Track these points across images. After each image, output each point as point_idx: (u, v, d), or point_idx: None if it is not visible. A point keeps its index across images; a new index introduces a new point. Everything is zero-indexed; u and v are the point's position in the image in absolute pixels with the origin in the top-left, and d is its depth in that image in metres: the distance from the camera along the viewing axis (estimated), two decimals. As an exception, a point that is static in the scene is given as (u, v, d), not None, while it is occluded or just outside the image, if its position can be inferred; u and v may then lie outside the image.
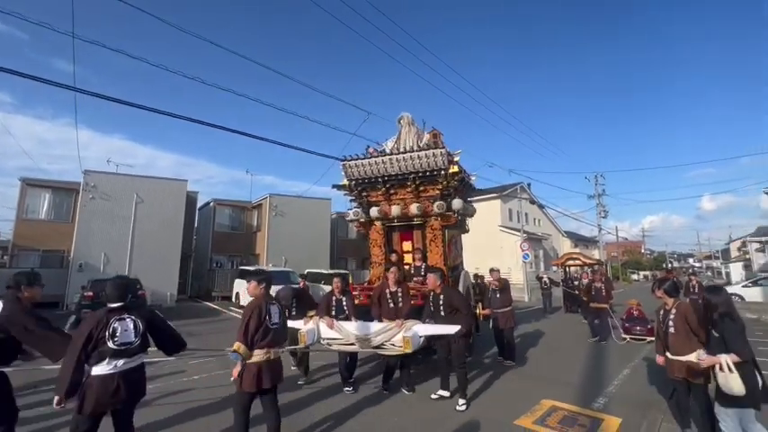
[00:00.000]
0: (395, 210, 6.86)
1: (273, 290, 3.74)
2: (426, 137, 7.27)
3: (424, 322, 4.75)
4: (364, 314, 5.39)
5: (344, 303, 5.28)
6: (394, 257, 6.85)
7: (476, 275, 9.42)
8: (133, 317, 2.80)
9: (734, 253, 65.50)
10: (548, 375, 5.87)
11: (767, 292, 14.77)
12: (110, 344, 2.64)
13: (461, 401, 4.47)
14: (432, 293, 4.90)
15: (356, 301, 5.76)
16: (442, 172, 6.46)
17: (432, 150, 6.47)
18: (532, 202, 21.58)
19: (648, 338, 7.71)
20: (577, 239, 44.33)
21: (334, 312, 5.15)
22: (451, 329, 4.39)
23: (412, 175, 6.66)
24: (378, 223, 7.23)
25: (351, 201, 7.82)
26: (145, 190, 16.54)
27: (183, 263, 18.06)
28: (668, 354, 3.67)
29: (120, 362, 2.68)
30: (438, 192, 6.65)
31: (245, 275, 15.75)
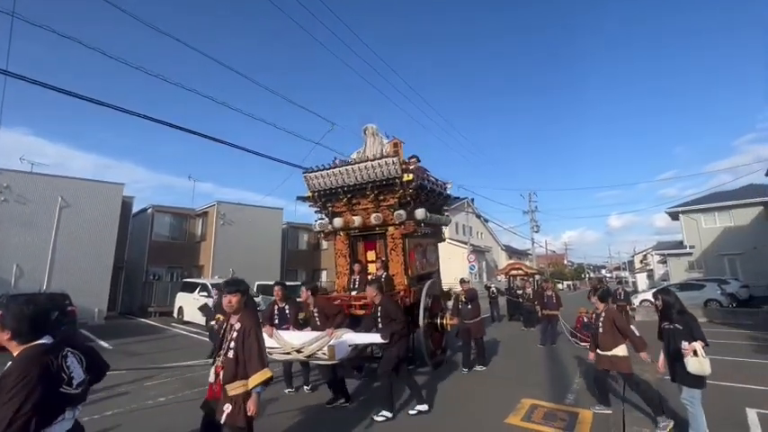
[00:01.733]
0: (356, 220, 6.88)
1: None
2: (387, 147, 7.35)
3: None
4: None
5: (287, 311, 5.39)
6: (357, 267, 6.88)
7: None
8: (71, 349, 1.97)
9: (637, 264, 75.59)
10: (517, 377, 6.31)
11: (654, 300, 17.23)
12: (67, 389, 1.84)
13: (383, 412, 4.37)
14: (373, 305, 4.94)
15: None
16: (397, 180, 6.45)
17: (384, 159, 6.49)
18: (478, 216, 22.94)
19: None
20: (512, 252, 47.84)
21: (277, 321, 5.26)
22: (377, 338, 4.55)
23: (370, 185, 6.66)
24: (342, 233, 7.25)
25: (315, 212, 7.79)
26: (72, 193, 14.71)
27: (114, 275, 16.22)
28: (598, 350, 4.55)
29: (76, 411, 1.94)
30: (396, 200, 6.61)
31: (188, 288, 14.64)
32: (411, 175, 6.48)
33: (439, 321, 6.85)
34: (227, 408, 2.55)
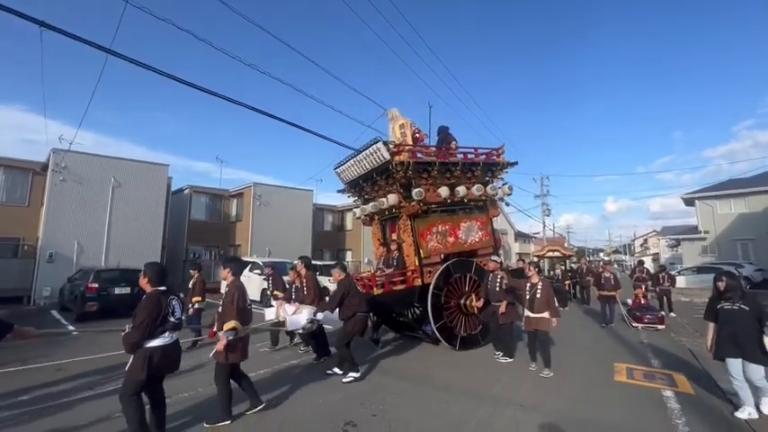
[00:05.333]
0: (375, 205, 7.18)
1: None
2: (413, 129, 7.30)
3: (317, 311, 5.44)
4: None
5: (297, 288, 6.34)
6: (382, 250, 7.34)
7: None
8: (177, 298, 3.34)
9: (637, 248, 77.20)
10: (594, 349, 7.03)
11: (689, 280, 18.17)
12: (171, 319, 3.17)
13: (335, 368, 5.23)
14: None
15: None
16: (390, 165, 6.40)
17: (370, 147, 6.55)
18: (501, 199, 23.52)
19: (659, 326, 8.46)
20: (518, 235, 48.78)
21: (294, 297, 6.32)
22: (309, 315, 5.44)
23: (373, 173, 6.85)
24: (375, 218, 7.83)
25: (354, 201, 8.54)
26: (122, 173, 15.13)
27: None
28: (529, 313, 5.49)
29: (175, 334, 3.24)
30: (398, 183, 6.62)
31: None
32: (403, 156, 6.39)
33: (463, 303, 6.76)
34: (221, 345, 3.60)
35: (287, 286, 6.90)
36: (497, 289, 6.06)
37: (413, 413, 3.95)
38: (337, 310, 5.25)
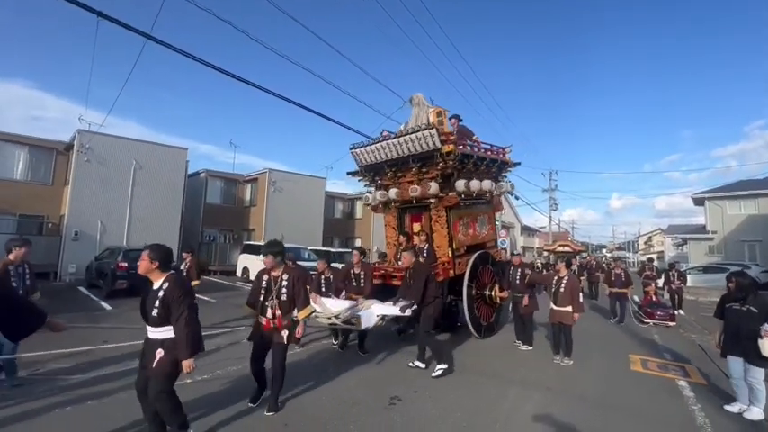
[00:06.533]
0: (401, 193, 6.96)
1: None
2: (431, 116, 7.11)
3: (396, 301, 5.23)
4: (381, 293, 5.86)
5: (331, 280, 6.03)
6: (403, 239, 6.90)
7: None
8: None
9: (641, 245, 77.23)
10: (608, 342, 7.34)
11: (695, 279, 18.43)
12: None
13: (417, 362, 5.03)
14: (407, 270, 5.37)
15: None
16: (437, 153, 6.29)
17: (422, 131, 6.32)
18: (510, 193, 23.70)
19: (669, 323, 8.64)
20: (524, 228, 49.01)
21: (324, 289, 5.84)
22: (396, 310, 4.96)
23: (410, 158, 6.61)
24: (391, 206, 7.39)
25: (365, 186, 8.06)
26: (143, 155, 15.42)
27: (175, 235, 17.18)
28: (552, 305, 5.66)
29: None
30: (438, 173, 6.47)
31: (250, 250, 15.68)
32: (452, 146, 6.29)
33: (488, 293, 7.00)
34: (284, 333, 3.59)
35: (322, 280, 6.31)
36: (518, 282, 6.52)
37: (450, 391, 4.30)
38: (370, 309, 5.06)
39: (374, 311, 5.04)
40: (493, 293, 7.04)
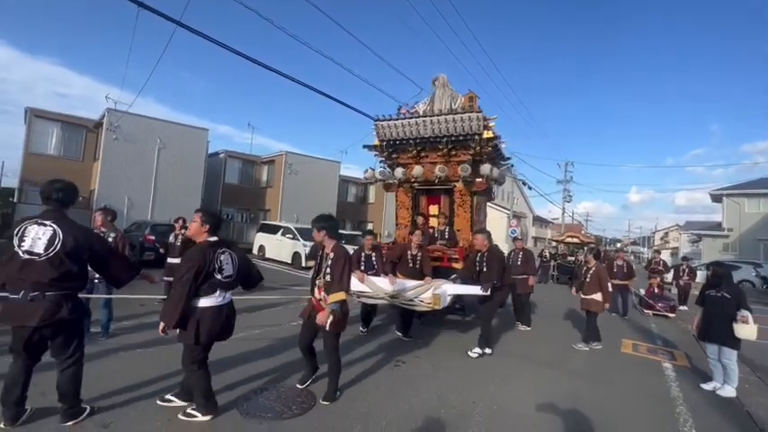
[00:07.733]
0: (424, 172, 6.70)
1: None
2: (461, 100, 6.89)
3: (454, 282, 5.20)
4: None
5: (373, 259, 5.67)
6: (420, 220, 6.85)
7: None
8: (230, 251, 2.91)
9: (657, 241, 75.89)
10: (605, 328, 7.53)
11: (701, 275, 18.40)
12: (218, 276, 2.76)
13: (476, 349, 4.95)
14: (479, 253, 5.21)
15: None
16: (476, 137, 6.20)
17: (468, 114, 6.20)
18: (524, 183, 23.85)
19: (669, 315, 8.77)
20: (536, 219, 48.81)
21: (363, 268, 5.49)
22: (477, 290, 4.81)
23: (444, 139, 6.42)
24: (406, 186, 7.09)
25: (379, 162, 7.56)
26: (167, 135, 16.10)
27: (196, 212, 17.98)
28: (581, 294, 5.91)
29: (227, 294, 2.88)
30: (470, 157, 6.39)
31: (267, 230, 16.37)
32: (491, 133, 6.25)
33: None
34: (330, 318, 3.22)
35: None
36: (518, 263, 7.11)
37: (453, 359, 4.79)
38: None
39: (447, 291, 4.93)
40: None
